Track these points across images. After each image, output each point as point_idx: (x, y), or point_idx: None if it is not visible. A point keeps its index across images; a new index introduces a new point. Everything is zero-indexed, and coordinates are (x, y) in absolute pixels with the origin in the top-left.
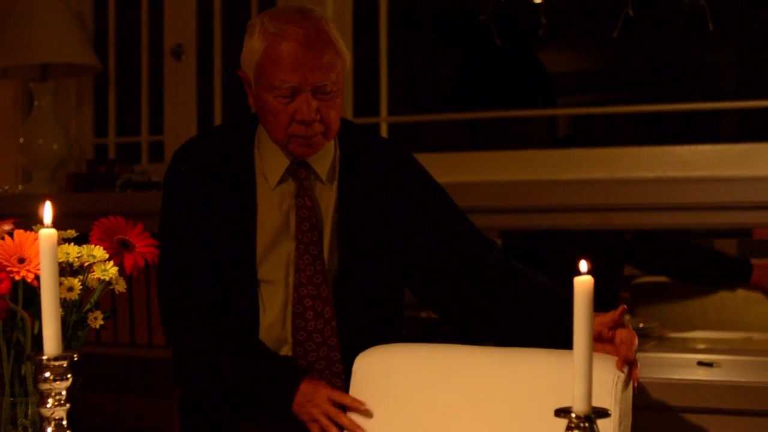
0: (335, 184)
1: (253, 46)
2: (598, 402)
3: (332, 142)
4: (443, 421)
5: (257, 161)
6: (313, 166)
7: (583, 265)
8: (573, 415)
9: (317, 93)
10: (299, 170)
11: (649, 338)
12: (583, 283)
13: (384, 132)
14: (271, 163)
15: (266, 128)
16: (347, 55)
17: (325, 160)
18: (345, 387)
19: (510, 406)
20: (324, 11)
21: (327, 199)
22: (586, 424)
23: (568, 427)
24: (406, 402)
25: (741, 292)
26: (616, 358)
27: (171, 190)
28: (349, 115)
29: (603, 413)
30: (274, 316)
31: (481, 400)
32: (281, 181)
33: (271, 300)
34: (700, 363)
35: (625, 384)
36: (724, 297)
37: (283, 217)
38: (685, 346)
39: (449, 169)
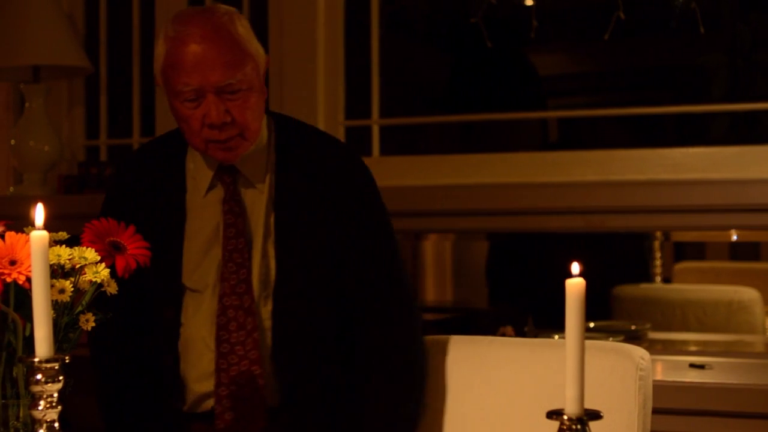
0: (267, 186)
1: (158, 52)
2: (622, 389)
3: (265, 141)
4: (488, 414)
5: (189, 169)
6: (241, 170)
7: (575, 267)
8: (565, 417)
9: (224, 93)
10: (224, 175)
11: (640, 340)
12: (575, 285)
13: (376, 134)
14: (200, 170)
15: (184, 136)
16: (258, 51)
17: (254, 162)
18: (270, 402)
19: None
20: (315, 14)
21: (259, 203)
22: (578, 426)
23: (560, 429)
24: (453, 396)
25: (725, 297)
26: (637, 347)
27: (107, 197)
28: (340, 117)
29: (595, 415)
30: (199, 326)
31: (522, 392)
32: (211, 187)
33: (196, 310)
34: (693, 365)
35: None
36: (705, 302)
37: (214, 224)
38: (677, 348)
39: (441, 171)
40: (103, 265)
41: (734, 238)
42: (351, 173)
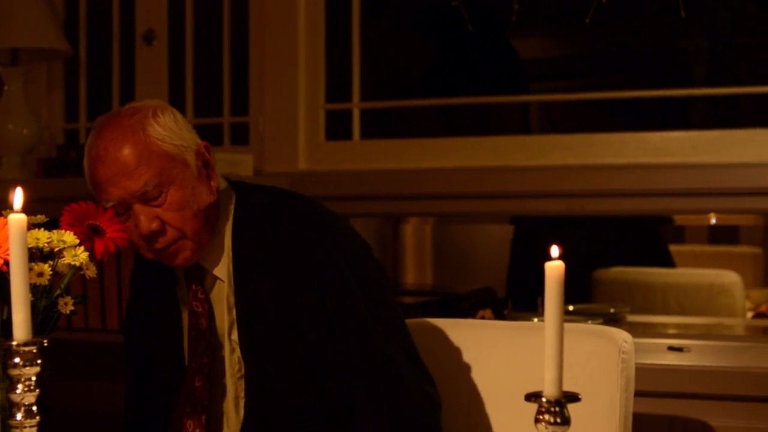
0: (228, 280)
1: (84, 164)
2: (604, 372)
3: (225, 226)
4: (468, 396)
5: (177, 270)
6: (204, 265)
7: (555, 251)
8: (543, 399)
9: (146, 201)
10: (189, 272)
11: (619, 323)
12: (554, 268)
13: (356, 118)
14: (179, 270)
15: None
16: (183, 145)
17: (216, 252)
18: None
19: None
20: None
21: (225, 298)
22: (557, 409)
23: (539, 411)
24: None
25: (706, 281)
26: (619, 330)
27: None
28: (321, 101)
29: (573, 398)
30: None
31: (503, 374)
32: (187, 285)
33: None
34: (671, 348)
35: None
36: (687, 285)
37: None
38: (656, 331)
39: (421, 155)
40: (82, 248)
41: (713, 221)
42: (313, 254)
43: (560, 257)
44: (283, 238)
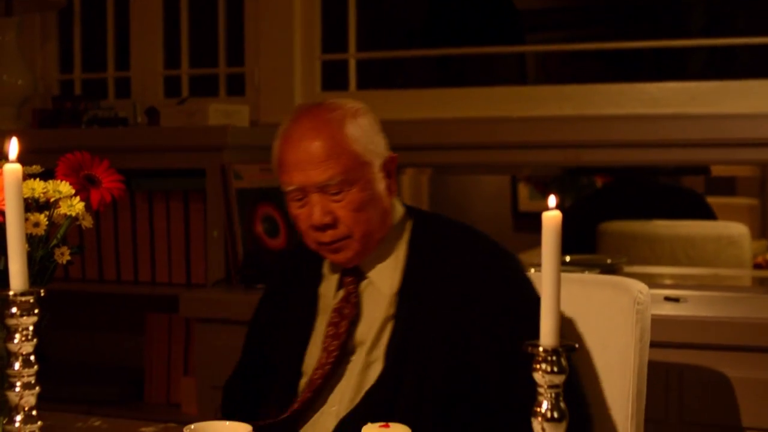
0: (395, 296)
1: (273, 146)
2: (620, 322)
3: (396, 241)
4: None
5: (325, 268)
6: (366, 272)
7: (552, 200)
8: (540, 348)
9: (327, 193)
10: (345, 277)
11: (616, 274)
12: (551, 218)
13: (352, 68)
14: (331, 269)
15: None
16: (374, 151)
17: (382, 264)
18: None
19: None
20: None
21: (380, 311)
22: (554, 358)
23: (536, 361)
24: None
25: (714, 233)
26: (635, 281)
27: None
28: (317, 51)
29: (570, 348)
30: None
31: None
32: (339, 287)
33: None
34: (667, 298)
35: None
36: (695, 237)
37: None
38: (653, 282)
39: (418, 105)
40: (78, 198)
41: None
42: (498, 289)
43: (557, 207)
44: (468, 262)
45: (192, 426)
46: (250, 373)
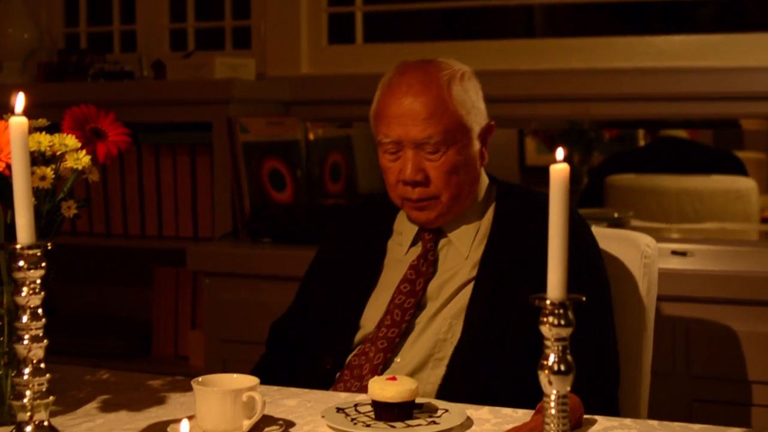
0: (474, 257)
1: (375, 96)
2: (627, 275)
3: (480, 208)
4: None
5: (397, 222)
6: (446, 231)
7: (560, 153)
8: (548, 301)
9: (423, 151)
10: (425, 233)
11: (623, 228)
12: (559, 170)
13: (359, 22)
14: (407, 224)
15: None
16: (475, 117)
17: (464, 227)
18: None
19: None
20: None
21: (458, 271)
22: (561, 311)
23: (543, 314)
24: None
25: (721, 187)
26: (643, 234)
27: (322, 237)
28: (323, 4)
29: (577, 300)
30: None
31: None
32: (413, 243)
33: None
34: (674, 252)
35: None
36: (702, 191)
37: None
38: (660, 236)
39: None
40: (84, 151)
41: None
42: (579, 245)
43: (565, 159)
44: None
45: (200, 379)
46: (300, 318)
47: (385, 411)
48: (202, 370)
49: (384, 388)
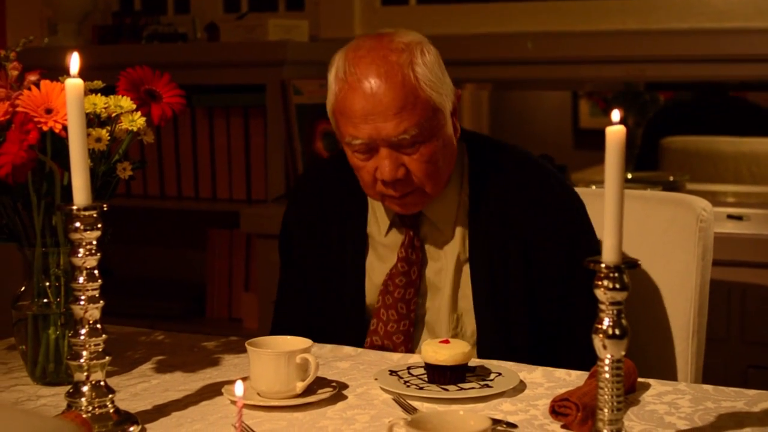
0: (458, 233)
1: (329, 89)
2: (682, 240)
3: (457, 180)
4: None
5: (371, 204)
6: (427, 214)
7: (615, 114)
8: (603, 265)
9: (397, 147)
10: (404, 217)
11: (678, 191)
12: (615, 132)
13: None
14: (378, 206)
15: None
16: (443, 92)
17: (442, 204)
18: None
19: None
20: None
21: (449, 252)
22: (616, 274)
23: (598, 278)
24: None
25: None
26: (699, 198)
27: (287, 214)
28: None
29: (632, 264)
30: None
31: None
32: (391, 226)
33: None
34: (730, 216)
35: None
36: (759, 154)
37: (390, 266)
38: (715, 200)
39: (479, 19)
40: (139, 113)
41: None
42: (558, 211)
43: (621, 121)
44: (535, 198)
45: (254, 340)
46: (297, 309)
47: (438, 374)
48: (255, 332)
49: (437, 351)
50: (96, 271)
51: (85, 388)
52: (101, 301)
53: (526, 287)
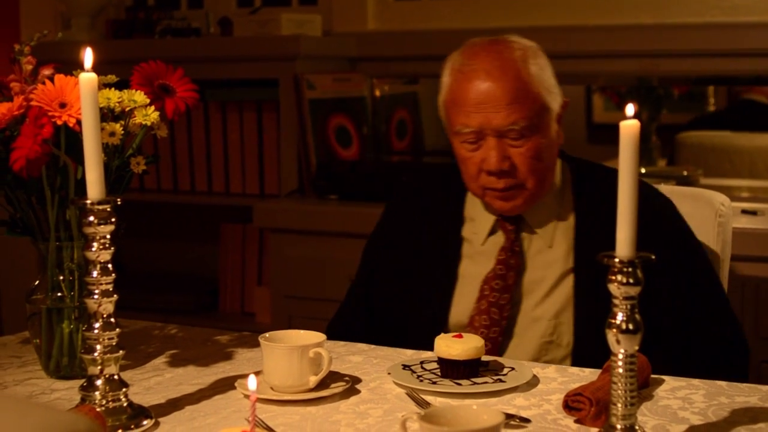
0: (562, 243)
1: (443, 81)
2: (701, 234)
3: (558, 189)
4: None
5: (468, 208)
6: (527, 219)
7: (630, 109)
8: (617, 259)
9: (506, 138)
10: (505, 222)
11: (692, 186)
12: (629, 127)
13: None
14: (480, 212)
15: (462, 178)
16: (552, 94)
17: (544, 211)
18: None
19: None
20: None
21: (550, 260)
22: (630, 269)
23: (611, 272)
24: None
25: None
26: (717, 193)
27: (383, 221)
28: None
29: (647, 258)
30: None
31: None
32: (491, 233)
33: None
34: (744, 211)
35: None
36: None
37: (487, 270)
38: (729, 194)
39: (493, 13)
40: (153, 107)
41: None
42: (663, 221)
43: (635, 116)
44: (644, 214)
45: (267, 335)
46: (367, 315)
47: (451, 368)
48: (268, 326)
49: (450, 346)
50: (110, 265)
51: (98, 382)
52: (115, 295)
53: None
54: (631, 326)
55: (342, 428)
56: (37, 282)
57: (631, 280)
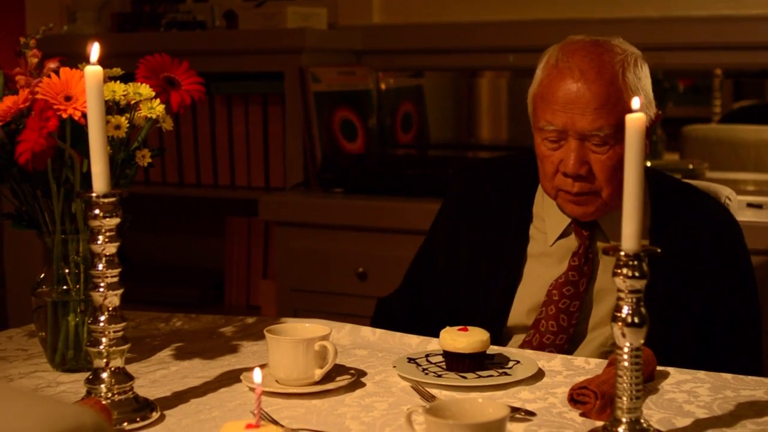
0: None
1: (536, 75)
2: None
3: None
4: None
5: (537, 207)
6: (603, 226)
7: (636, 102)
8: (622, 253)
9: (588, 142)
10: (581, 230)
11: (697, 179)
12: (635, 120)
13: None
14: (553, 212)
15: (538, 174)
16: (637, 97)
17: (620, 224)
18: None
19: None
20: None
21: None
22: (635, 262)
23: (617, 265)
24: None
25: None
26: (723, 186)
27: (444, 210)
28: None
29: (652, 252)
30: None
31: None
32: (563, 235)
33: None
34: (750, 204)
35: None
36: None
37: (556, 274)
38: (735, 188)
39: (498, 7)
40: (158, 101)
41: None
42: (730, 246)
43: (640, 109)
44: (704, 225)
45: (272, 327)
46: (420, 299)
47: (456, 361)
48: (274, 320)
49: (455, 339)
50: (115, 258)
51: (104, 375)
52: (121, 288)
53: (691, 310)
54: (636, 319)
55: (347, 421)
56: (42, 275)
57: (636, 273)
